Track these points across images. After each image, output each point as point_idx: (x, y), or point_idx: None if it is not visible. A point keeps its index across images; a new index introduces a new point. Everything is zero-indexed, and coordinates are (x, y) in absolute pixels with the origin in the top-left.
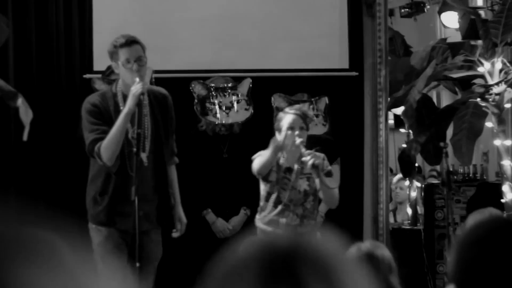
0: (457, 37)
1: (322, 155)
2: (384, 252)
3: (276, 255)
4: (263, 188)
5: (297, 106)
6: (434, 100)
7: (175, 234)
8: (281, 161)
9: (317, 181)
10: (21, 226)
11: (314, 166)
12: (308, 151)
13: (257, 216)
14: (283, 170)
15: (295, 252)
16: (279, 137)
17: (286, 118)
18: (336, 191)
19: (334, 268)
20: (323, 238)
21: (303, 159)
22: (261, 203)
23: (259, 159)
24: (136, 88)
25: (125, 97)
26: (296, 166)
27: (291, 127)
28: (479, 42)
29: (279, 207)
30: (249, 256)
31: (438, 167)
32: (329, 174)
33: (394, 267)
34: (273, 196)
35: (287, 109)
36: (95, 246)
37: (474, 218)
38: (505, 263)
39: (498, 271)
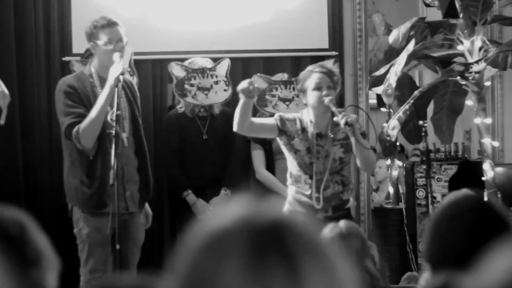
0: (438, 17)
1: (354, 115)
2: (358, 232)
3: (262, 226)
4: (291, 159)
5: (322, 62)
6: (416, 79)
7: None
8: (310, 128)
9: (352, 143)
10: None
11: (347, 124)
12: (340, 109)
13: (291, 188)
14: (314, 136)
15: (281, 223)
16: (304, 99)
17: (312, 77)
18: (371, 152)
19: (321, 243)
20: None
21: (335, 118)
22: (293, 174)
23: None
24: (116, 68)
25: (100, 79)
26: (328, 132)
27: (318, 87)
28: (459, 20)
29: (315, 179)
30: (234, 227)
31: (421, 146)
32: (363, 134)
33: (369, 248)
34: (306, 166)
35: (310, 68)
36: (84, 236)
37: (448, 199)
38: (476, 241)
39: (470, 249)
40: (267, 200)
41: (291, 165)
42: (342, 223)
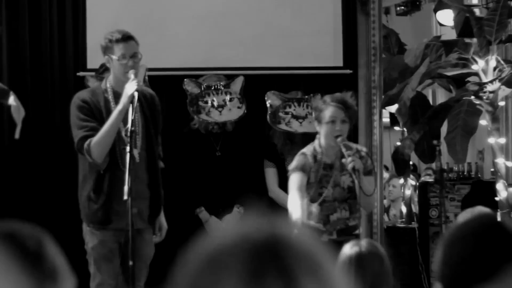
0: (452, 35)
1: (364, 152)
2: (379, 252)
3: (260, 244)
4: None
5: (338, 95)
6: (430, 98)
7: (155, 239)
8: (321, 157)
9: (356, 186)
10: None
11: (354, 170)
12: (349, 152)
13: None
14: (323, 166)
15: (277, 240)
16: (318, 128)
17: (328, 109)
18: (374, 197)
19: (318, 259)
20: (301, 234)
21: (343, 160)
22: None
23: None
24: (131, 85)
25: (115, 94)
26: (337, 162)
27: (332, 120)
28: (474, 40)
29: (324, 205)
30: (232, 245)
31: (433, 165)
32: (370, 172)
33: (389, 268)
34: (316, 195)
35: (327, 99)
36: (89, 250)
37: (463, 217)
38: (491, 260)
39: (483, 269)
40: (276, 218)
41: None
42: (364, 242)
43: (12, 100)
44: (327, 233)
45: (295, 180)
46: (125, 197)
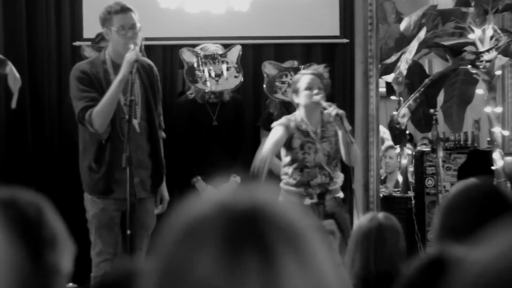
0: (449, 5)
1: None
2: (397, 228)
3: (238, 213)
4: (284, 154)
5: (313, 67)
6: (426, 68)
7: (157, 211)
8: (303, 125)
9: (339, 136)
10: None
11: (337, 115)
12: (329, 103)
13: (283, 181)
14: (305, 134)
15: (257, 210)
16: (296, 99)
17: (303, 78)
18: (356, 146)
19: (298, 230)
20: (285, 202)
21: (326, 111)
22: (286, 169)
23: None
24: (131, 55)
25: (114, 64)
26: (318, 129)
27: (309, 87)
28: (470, 9)
29: (305, 171)
30: (210, 214)
31: (429, 135)
32: (350, 132)
33: (403, 245)
34: (299, 161)
35: (302, 71)
36: (90, 218)
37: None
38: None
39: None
40: (259, 186)
41: (285, 159)
42: (382, 216)
43: (8, 69)
44: (309, 197)
45: (274, 134)
46: (123, 165)
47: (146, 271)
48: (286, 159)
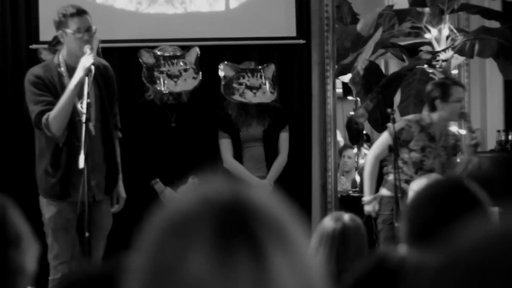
0: (405, 5)
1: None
2: (360, 230)
3: (225, 208)
4: (407, 153)
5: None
6: (382, 68)
7: (114, 209)
8: (428, 128)
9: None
10: None
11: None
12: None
13: (391, 176)
14: (428, 138)
15: (241, 204)
16: (441, 106)
17: (457, 89)
18: None
19: (283, 223)
20: (266, 196)
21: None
22: (403, 166)
23: None
24: (87, 59)
25: (68, 67)
26: (442, 137)
27: (459, 101)
28: (427, 9)
29: (419, 173)
30: (197, 210)
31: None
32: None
33: (365, 246)
34: (416, 162)
35: (448, 81)
36: (46, 221)
37: (417, 184)
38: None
39: (449, 229)
40: (235, 183)
41: (405, 158)
42: (346, 216)
43: None
44: None
45: (380, 142)
46: (81, 166)
47: (131, 270)
48: (407, 159)
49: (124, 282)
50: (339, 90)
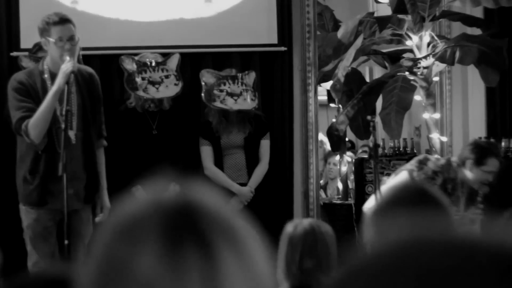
0: (389, 12)
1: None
2: (331, 231)
3: (173, 210)
4: None
5: None
6: (367, 75)
7: (98, 219)
8: None
9: None
10: None
11: None
12: None
13: None
14: None
15: (190, 205)
16: None
17: None
18: None
19: (232, 224)
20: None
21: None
22: None
23: None
24: (67, 66)
25: (52, 75)
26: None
27: None
28: (408, 16)
29: None
30: (145, 213)
31: (370, 142)
32: None
33: (333, 254)
34: None
35: None
36: (25, 228)
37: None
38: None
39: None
40: (188, 184)
41: None
42: (312, 221)
43: None
44: None
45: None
46: (60, 173)
47: (83, 272)
48: None
49: (76, 285)
50: (324, 97)
